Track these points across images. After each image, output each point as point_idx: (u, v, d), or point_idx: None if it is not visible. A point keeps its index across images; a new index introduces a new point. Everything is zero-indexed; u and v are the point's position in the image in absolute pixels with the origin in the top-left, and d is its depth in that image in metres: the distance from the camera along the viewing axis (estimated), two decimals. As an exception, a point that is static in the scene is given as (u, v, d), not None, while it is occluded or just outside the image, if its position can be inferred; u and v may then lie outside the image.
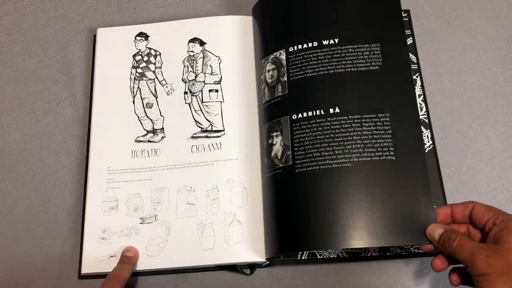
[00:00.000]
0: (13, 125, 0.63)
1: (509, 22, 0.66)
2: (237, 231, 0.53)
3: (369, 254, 0.54)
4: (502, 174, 0.58)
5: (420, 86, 0.60)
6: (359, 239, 0.47)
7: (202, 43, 0.62)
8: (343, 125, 0.51)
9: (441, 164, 0.57)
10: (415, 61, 0.61)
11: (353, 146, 0.50)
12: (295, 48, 0.55)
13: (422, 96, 0.60)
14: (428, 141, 0.58)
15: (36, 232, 0.57)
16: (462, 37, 0.65)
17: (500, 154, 0.59)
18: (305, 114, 0.52)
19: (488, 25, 0.66)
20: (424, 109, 0.59)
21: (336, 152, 0.50)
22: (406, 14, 0.63)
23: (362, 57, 0.53)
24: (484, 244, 0.41)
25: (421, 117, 0.59)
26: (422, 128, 0.58)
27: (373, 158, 0.49)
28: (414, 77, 0.61)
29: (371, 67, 0.53)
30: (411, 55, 0.62)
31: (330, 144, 0.50)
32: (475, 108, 0.61)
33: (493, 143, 0.60)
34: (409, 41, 0.62)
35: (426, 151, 0.57)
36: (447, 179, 0.57)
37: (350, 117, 0.51)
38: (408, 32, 0.63)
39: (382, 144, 0.50)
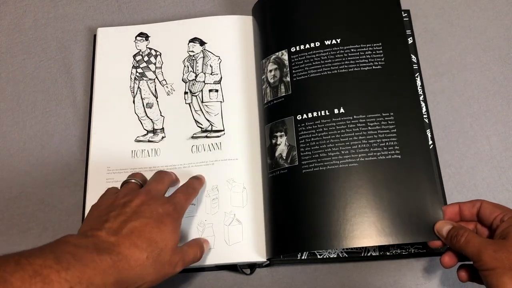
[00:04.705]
0: (13, 125, 0.63)
1: (509, 22, 0.66)
2: (237, 231, 0.53)
3: (369, 254, 0.54)
4: (502, 174, 0.58)
5: (420, 86, 0.60)
6: (368, 238, 0.47)
7: (202, 43, 0.62)
8: (349, 125, 0.51)
9: (441, 164, 0.57)
10: (415, 61, 0.61)
11: (359, 146, 0.51)
12: (297, 48, 0.56)
13: (422, 96, 0.60)
14: (428, 141, 0.58)
15: (35, 233, 0.57)
16: (462, 37, 0.65)
17: (500, 154, 0.59)
18: (310, 115, 0.53)
19: (488, 25, 0.66)
20: (424, 109, 0.59)
21: (343, 152, 0.51)
22: (406, 14, 0.63)
23: (364, 57, 0.54)
24: (491, 240, 0.42)
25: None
26: (422, 128, 0.58)
27: (379, 157, 0.50)
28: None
29: (373, 67, 0.54)
30: (411, 55, 0.61)
31: (336, 145, 0.51)
32: (475, 108, 0.61)
33: (493, 143, 0.60)
34: (409, 41, 0.62)
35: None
36: (447, 179, 0.57)
37: (355, 117, 0.52)
38: (408, 32, 0.62)
39: (387, 143, 0.51)
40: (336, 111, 0.52)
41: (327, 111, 0.52)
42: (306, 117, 0.53)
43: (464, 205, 0.47)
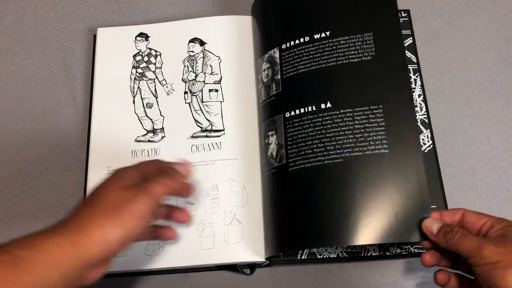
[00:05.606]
0: (13, 125, 0.63)
1: (509, 22, 0.66)
2: (237, 230, 0.53)
3: (369, 254, 0.54)
4: (502, 174, 0.58)
5: (420, 86, 0.60)
6: (354, 236, 0.46)
7: (202, 43, 0.62)
8: (335, 120, 0.50)
9: (441, 164, 0.57)
10: (415, 61, 0.61)
11: (345, 141, 0.49)
12: (288, 45, 0.55)
13: (422, 96, 0.60)
14: (428, 141, 0.58)
15: (36, 232, 0.57)
16: (462, 37, 0.65)
17: (500, 154, 0.59)
18: (297, 112, 0.52)
19: (488, 25, 0.66)
20: (424, 109, 0.59)
21: (328, 148, 0.49)
22: (406, 14, 0.63)
23: (354, 48, 0.52)
24: (489, 238, 0.41)
25: (421, 117, 0.59)
26: (422, 128, 0.58)
27: (365, 153, 0.48)
28: (414, 77, 0.61)
29: (363, 58, 0.52)
30: (411, 55, 0.62)
31: (321, 141, 0.49)
32: (475, 108, 0.61)
33: (493, 143, 0.60)
34: (409, 41, 0.62)
35: (426, 151, 0.57)
36: (447, 179, 0.57)
37: (341, 111, 0.50)
38: (408, 32, 0.63)
39: (374, 137, 0.49)
40: (323, 106, 0.51)
41: (314, 106, 0.51)
42: (294, 114, 0.52)
43: (445, 214, 0.46)
